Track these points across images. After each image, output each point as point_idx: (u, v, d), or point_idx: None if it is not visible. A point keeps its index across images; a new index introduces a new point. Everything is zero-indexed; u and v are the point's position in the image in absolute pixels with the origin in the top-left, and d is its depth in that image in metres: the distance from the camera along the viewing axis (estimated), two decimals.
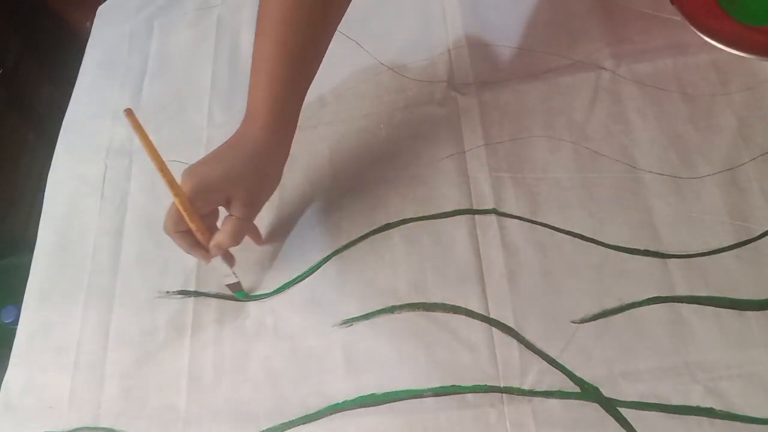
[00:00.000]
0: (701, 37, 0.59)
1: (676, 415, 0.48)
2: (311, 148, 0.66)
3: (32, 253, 0.68)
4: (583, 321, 0.52)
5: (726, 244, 0.53)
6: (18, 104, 1.34)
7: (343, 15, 0.56)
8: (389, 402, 0.52)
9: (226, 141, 0.55)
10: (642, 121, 0.60)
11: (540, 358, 0.52)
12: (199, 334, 0.59)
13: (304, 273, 0.60)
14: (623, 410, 0.49)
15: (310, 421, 0.53)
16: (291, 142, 0.57)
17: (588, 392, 0.50)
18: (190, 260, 0.62)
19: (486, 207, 0.59)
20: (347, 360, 0.55)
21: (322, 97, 0.69)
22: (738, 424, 0.47)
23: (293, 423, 0.53)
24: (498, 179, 0.60)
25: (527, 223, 0.57)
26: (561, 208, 0.57)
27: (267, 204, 0.64)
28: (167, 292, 0.62)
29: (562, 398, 0.50)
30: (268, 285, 0.60)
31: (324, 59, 0.72)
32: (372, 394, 0.53)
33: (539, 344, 0.52)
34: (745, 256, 0.52)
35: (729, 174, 0.56)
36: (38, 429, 0.58)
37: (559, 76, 0.64)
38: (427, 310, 0.55)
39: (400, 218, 0.60)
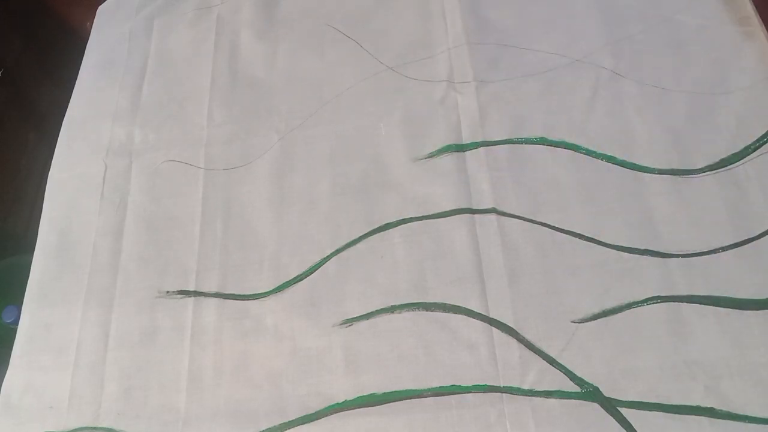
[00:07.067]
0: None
1: (676, 415, 0.48)
2: (311, 148, 0.66)
3: (32, 253, 0.68)
4: (583, 321, 0.52)
5: (726, 244, 0.53)
6: (18, 104, 1.34)
7: None
8: (389, 402, 0.53)
9: None
10: (641, 120, 0.60)
11: (540, 358, 0.52)
12: (199, 334, 0.59)
13: (304, 273, 0.60)
14: (623, 410, 0.49)
15: (309, 421, 0.53)
16: None
17: (588, 392, 0.50)
18: (190, 260, 0.63)
19: (486, 207, 0.59)
20: (347, 360, 0.55)
21: (322, 97, 0.69)
22: (738, 423, 0.47)
23: (293, 423, 0.53)
24: (498, 179, 0.60)
25: (527, 223, 0.57)
26: (561, 208, 0.57)
27: (266, 204, 0.64)
28: (167, 292, 0.62)
29: (562, 398, 0.50)
30: (268, 285, 0.60)
31: (324, 59, 0.72)
32: (372, 394, 0.53)
33: (539, 344, 0.52)
34: (745, 255, 0.52)
35: (729, 173, 0.56)
36: (38, 429, 0.58)
37: (558, 75, 0.64)
38: (427, 310, 0.55)
39: (400, 218, 0.60)
